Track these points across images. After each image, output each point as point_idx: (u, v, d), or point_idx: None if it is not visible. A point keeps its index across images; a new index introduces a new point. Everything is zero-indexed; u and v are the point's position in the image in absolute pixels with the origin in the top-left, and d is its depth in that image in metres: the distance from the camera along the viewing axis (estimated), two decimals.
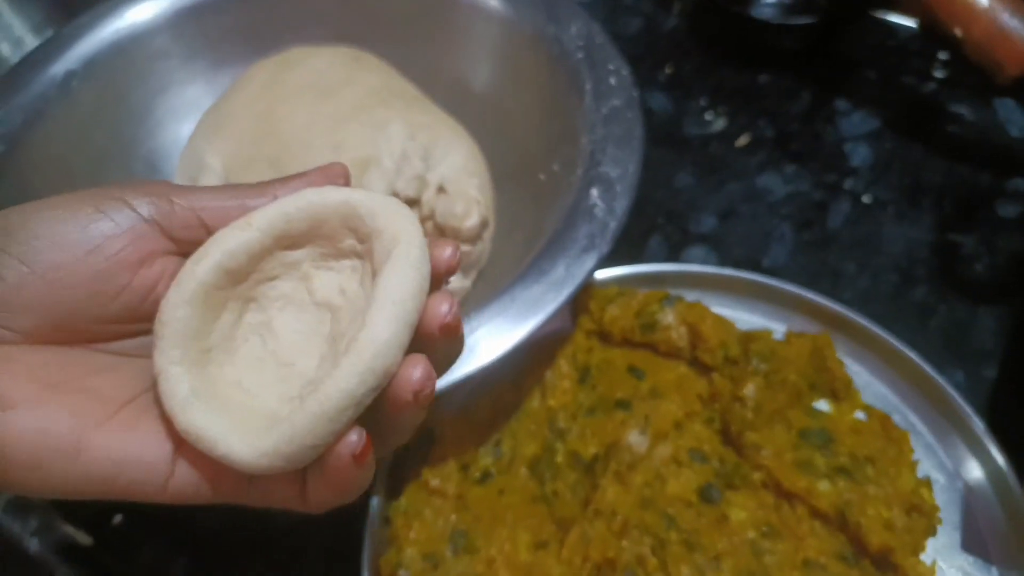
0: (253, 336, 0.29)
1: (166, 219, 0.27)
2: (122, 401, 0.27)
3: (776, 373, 0.53)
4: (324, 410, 0.24)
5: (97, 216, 0.26)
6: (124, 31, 0.63)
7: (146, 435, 0.26)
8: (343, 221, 0.28)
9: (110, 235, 0.26)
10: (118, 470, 0.25)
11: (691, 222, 0.68)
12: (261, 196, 0.29)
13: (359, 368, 0.24)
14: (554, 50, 0.60)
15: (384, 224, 0.27)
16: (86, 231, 0.26)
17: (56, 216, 0.26)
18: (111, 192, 0.27)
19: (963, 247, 0.64)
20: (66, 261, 0.26)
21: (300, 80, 0.60)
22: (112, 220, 0.26)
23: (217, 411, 0.26)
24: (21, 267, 0.25)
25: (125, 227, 0.27)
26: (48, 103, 0.59)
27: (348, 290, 0.29)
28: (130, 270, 0.27)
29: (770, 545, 0.46)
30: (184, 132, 0.64)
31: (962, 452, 0.51)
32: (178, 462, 0.26)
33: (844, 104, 0.76)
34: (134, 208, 0.27)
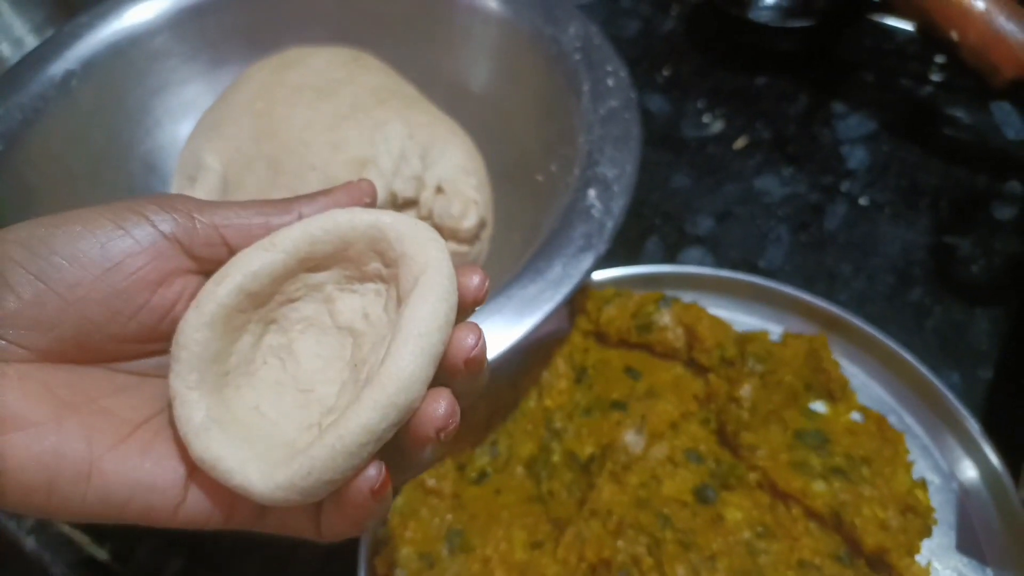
0: (272, 359, 0.29)
1: (187, 237, 0.27)
2: (137, 423, 0.26)
3: (772, 374, 0.53)
4: (344, 445, 0.23)
5: (117, 233, 0.26)
6: (123, 31, 0.64)
7: (159, 459, 0.26)
8: (370, 244, 0.27)
9: (130, 253, 0.26)
10: (130, 495, 0.25)
11: (688, 223, 0.68)
12: (286, 214, 0.28)
13: (381, 402, 0.24)
14: (552, 51, 0.60)
15: (412, 250, 0.26)
16: (105, 248, 0.25)
17: (75, 232, 0.25)
18: (132, 207, 0.26)
19: (959, 249, 0.64)
20: (84, 279, 0.25)
21: (299, 80, 0.60)
22: (132, 237, 0.26)
23: (234, 439, 0.25)
24: (38, 284, 0.25)
25: (145, 245, 0.26)
26: (47, 102, 0.59)
27: (371, 315, 0.28)
28: (149, 289, 0.26)
29: (765, 545, 0.47)
30: (183, 132, 0.64)
31: (957, 453, 0.52)
32: (191, 488, 0.26)
33: (841, 107, 0.76)
34: (155, 225, 0.26)
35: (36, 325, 0.25)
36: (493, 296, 0.46)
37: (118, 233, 0.26)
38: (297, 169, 0.55)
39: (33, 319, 0.25)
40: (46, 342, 0.25)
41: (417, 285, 0.25)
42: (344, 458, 0.24)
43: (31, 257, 0.25)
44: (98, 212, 0.26)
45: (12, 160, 0.56)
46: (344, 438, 0.23)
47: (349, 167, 0.55)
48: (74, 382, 0.26)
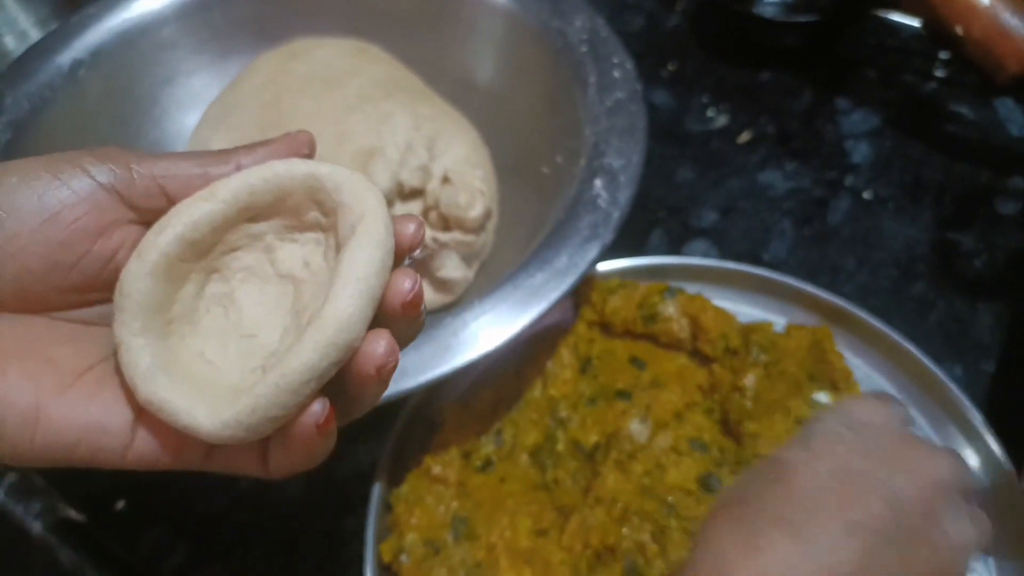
0: (215, 307, 0.29)
1: (126, 188, 0.27)
2: (82, 370, 0.27)
3: (776, 364, 0.53)
4: (288, 382, 0.24)
5: (54, 183, 0.26)
6: (131, 21, 0.64)
7: (106, 403, 0.26)
8: (308, 194, 0.28)
9: (68, 203, 0.26)
10: (78, 437, 0.25)
11: (692, 217, 0.69)
12: (224, 164, 0.28)
13: (322, 342, 0.24)
14: (558, 43, 0.60)
15: (349, 199, 0.27)
16: (43, 200, 0.25)
17: (11, 184, 0.25)
18: (69, 158, 0.26)
19: (962, 244, 0.65)
20: (22, 230, 0.25)
21: (306, 71, 0.60)
22: (69, 188, 0.26)
23: (179, 382, 0.26)
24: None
25: (83, 195, 0.26)
26: (55, 91, 0.59)
27: (312, 263, 0.29)
28: (89, 239, 0.27)
29: None
30: (190, 122, 0.65)
31: (960, 444, 0.52)
32: (138, 430, 0.26)
33: (845, 102, 0.76)
34: (92, 176, 0.26)
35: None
36: (499, 285, 0.47)
37: (55, 184, 0.26)
38: None
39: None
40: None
41: (355, 233, 0.26)
42: (288, 395, 0.24)
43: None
44: (35, 163, 0.26)
45: (20, 148, 0.56)
46: (287, 376, 0.24)
47: (356, 158, 0.56)
48: (17, 332, 0.26)
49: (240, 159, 0.28)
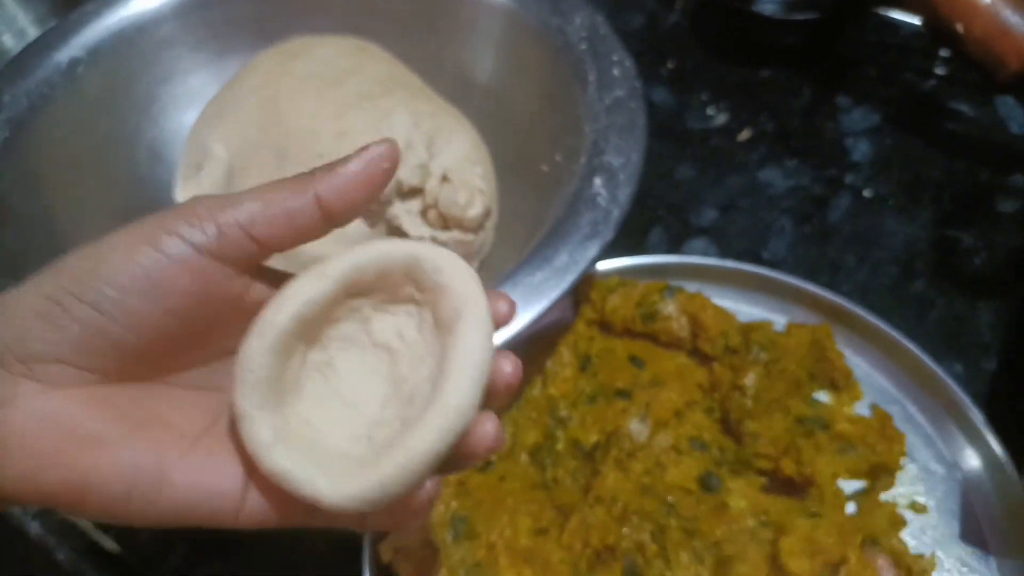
0: (316, 374, 0.31)
1: (220, 247, 0.28)
2: (198, 434, 0.29)
3: (776, 363, 0.53)
4: (412, 466, 0.27)
5: (156, 256, 0.27)
6: (129, 19, 0.64)
7: (221, 468, 0.28)
8: (407, 273, 0.30)
9: (172, 275, 0.27)
10: (197, 501, 0.27)
11: (692, 215, 0.69)
12: (302, 194, 0.29)
13: (445, 428, 0.27)
14: (558, 41, 0.60)
15: (449, 282, 0.29)
16: (150, 275, 0.27)
17: (119, 260, 0.27)
18: (163, 226, 0.27)
19: (962, 242, 0.65)
20: (136, 306, 0.27)
21: (305, 69, 0.60)
22: (170, 258, 0.27)
23: (297, 453, 0.28)
24: (96, 314, 0.26)
25: (185, 264, 0.27)
26: (53, 89, 0.59)
27: (406, 335, 0.31)
28: (197, 305, 0.28)
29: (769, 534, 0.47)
30: (188, 120, 0.64)
31: (960, 443, 0.52)
32: (249, 492, 0.28)
33: (845, 100, 0.76)
34: (188, 240, 0.27)
35: (99, 351, 0.27)
36: (499, 283, 0.46)
37: (156, 257, 0.27)
38: (303, 157, 0.55)
39: (95, 346, 0.27)
40: (112, 365, 0.27)
41: (461, 317, 0.28)
42: (410, 475, 0.27)
43: (84, 290, 0.26)
44: (134, 237, 0.27)
45: (18, 146, 0.56)
46: (413, 459, 0.27)
47: None
48: (139, 400, 0.28)
49: (316, 187, 0.29)
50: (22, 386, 0.26)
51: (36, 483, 0.26)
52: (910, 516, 0.49)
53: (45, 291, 0.26)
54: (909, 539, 0.48)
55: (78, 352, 0.26)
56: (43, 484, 0.26)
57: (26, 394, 0.26)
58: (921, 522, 0.50)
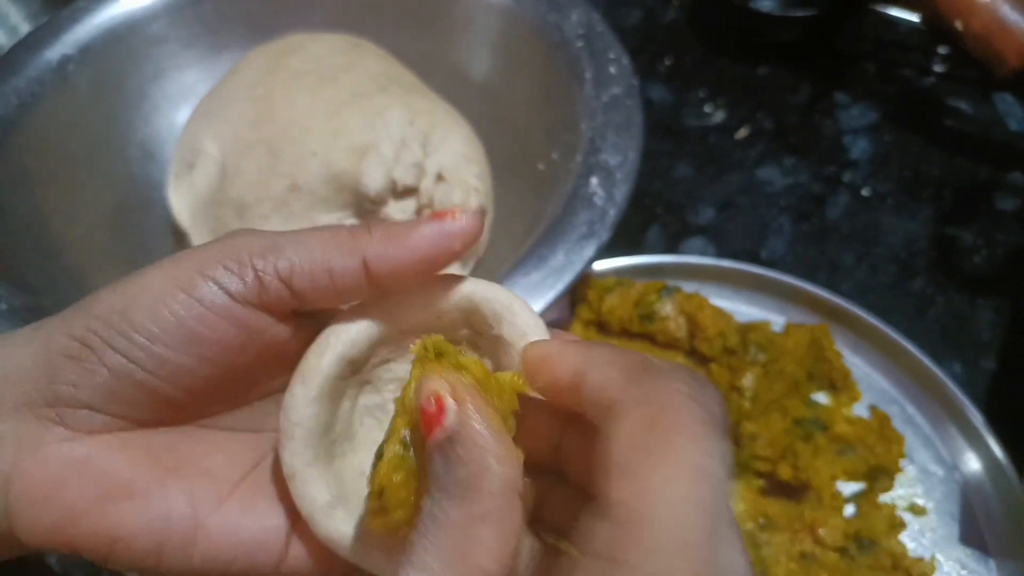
0: (368, 419, 0.29)
1: (257, 296, 0.26)
2: (235, 481, 0.27)
3: (774, 364, 0.52)
4: None
5: (190, 303, 0.25)
6: (121, 16, 0.63)
7: (261, 517, 0.26)
8: (463, 316, 0.27)
9: (207, 323, 0.25)
10: (235, 554, 0.26)
11: (690, 213, 0.68)
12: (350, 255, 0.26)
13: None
14: (554, 38, 0.59)
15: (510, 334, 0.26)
16: (183, 324, 0.25)
17: (150, 305, 0.25)
18: (199, 269, 0.25)
19: (961, 240, 0.64)
20: (168, 356, 0.25)
21: (299, 66, 0.59)
22: (205, 306, 0.25)
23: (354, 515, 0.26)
24: (126, 363, 0.25)
25: (220, 312, 0.25)
26: (44, 87, 0.58)
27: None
28: (233, 353, 0.26)
29: (768, 537, 0.46)
30: (181, 118, 0.64)
31: (960, 444, 0.51)
32: (291, 546, 0.26)
33: (843, 97, 0.75)
34: (223, 287, 0.25)
35: (130, 398, 0.25)
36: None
37: (191, 304, 0.25)
38: (297, 155, 0.55)
39: (127, 393, 0.25)
40: (144, 412, 0.26)
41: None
42: None
43: (113, 335, 0.25)
44: (168, 279, 0.25)
45: (9, 145, 0.55)
46: None
47: (350, 154, 0.55)
48: (173, 445, 0.26)
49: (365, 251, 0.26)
50: (50, 432, 0.25)
51: (62, 535, 0.24)
52: (909, 518, 0.49)
53: (74, 332, 0.25)
54: (908, 541, 0.48)
55: (108, 399, 0.25)
56: (70, 537, 0.24)
57: (54, 440, 0.25)
58: (920, 524, 0.49)
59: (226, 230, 0.57)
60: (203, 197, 0.58)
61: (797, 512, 0.48)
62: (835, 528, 0.47)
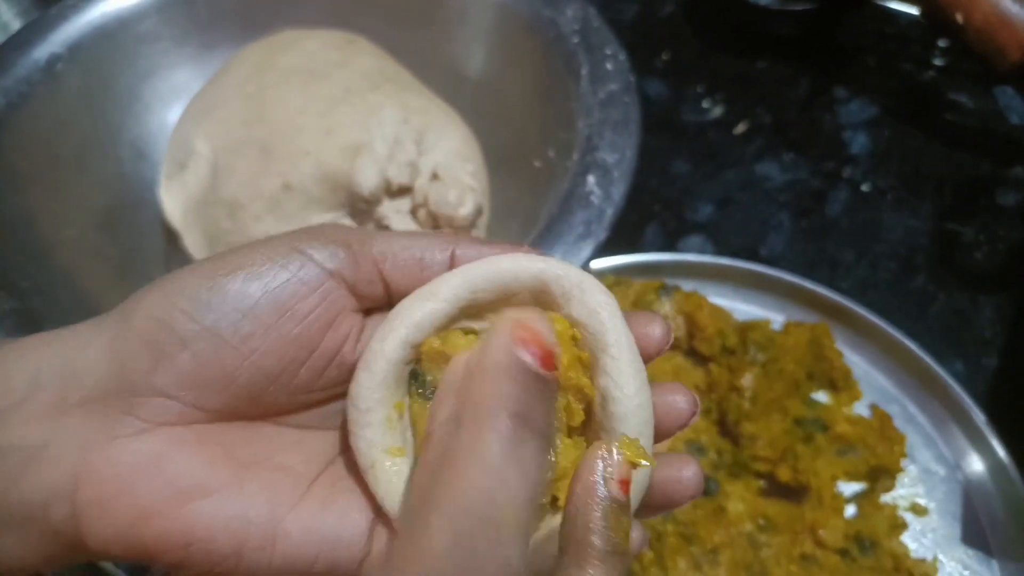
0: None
1: (352, 273, 0.25)
2: (312, 476, 0.26)
3: (774, 363, 0.52)
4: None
5: (283, 275, 0.24)
6: (110, 14, 0.62)
7: (342, 514, 0.25)
8: (533, 296, 0.26)
9: (300, 296, 0.24)
10: (317, 553, 0.24)
11: (688, 210, 0.67)
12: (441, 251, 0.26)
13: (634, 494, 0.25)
14: (550, 34, 0.59)
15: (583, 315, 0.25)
16: (274, 294, 0.24)
17: (240, 279, 0.24)
18: (292, 244, 0.25)
19: (963, 236, 0.64)
20: (258, 329, 0.24)
21: (292, 63, 0.58)
22: (299, 279, 0.24)
23: None
24: (214, 338, 0.23)
25: (314, 286, 0.25)
26: (32, 86, 0.57)
27: None
28: (320, 332, 0.25)
29: (767, 538, 0.46)
30: (172, 117, 0.63)
31: (962, 444, 0.51)
32: (375, 540, 0.25)
33: (843, 91, 0.75)
34: (318, 262, 0.25)
35: (212, 383, 0.24)
36: None
37: (284, 275, 0.24)
38: (290, 154, 0.54)
39: (209, 377, 0.24)
40: (221, 401, 0.24)
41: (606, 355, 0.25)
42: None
43: (201, 309, 0.23)
44: (259, 253, 0.25)
45: None
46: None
47: (343, 153, 0.54)
48: (250, 440, 0.25)
49: (456, 247, 0.26)
50: (121, 425, 0.23)
51: (135, 538, 0.23)
52: (910, 518, 0.49)
53: (154, 312, 0.24)
54: (910, 542, 0.48)
55: (186, 384, 0.24)
56: (143, 539, 0.23)
57: (125, 434, 0.23)
58: (922, 524, 0.49)
59: (219, 230, 0.57)
60: (195, 197, 0.57)
61: (797, 513, 0.47)
62: (836, 529, 0.47)
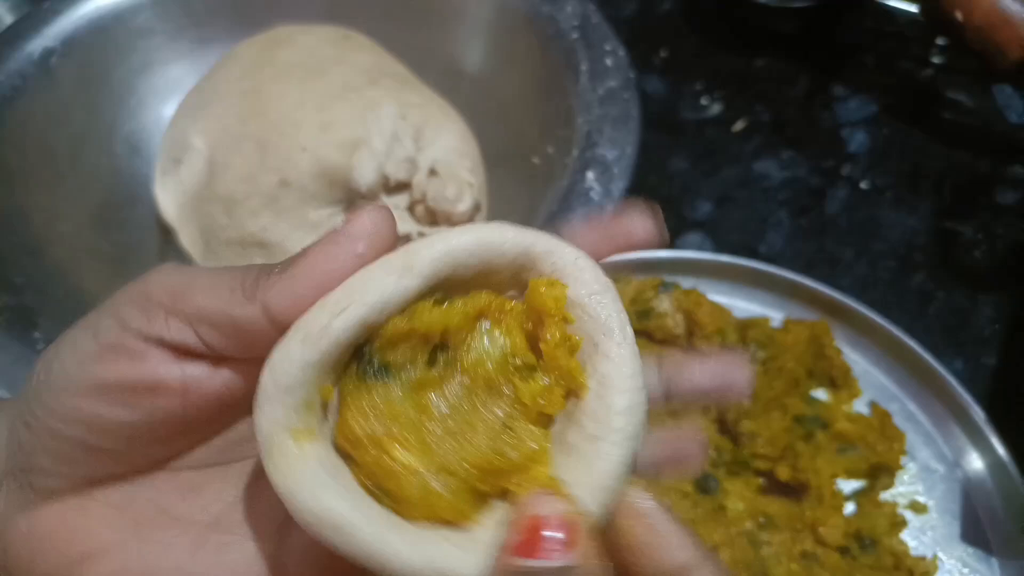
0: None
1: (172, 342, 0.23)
2: (208, 522, 0.25)
3: (774, 360, 0.52)
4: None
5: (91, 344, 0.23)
6: (105, 8, 0.62)
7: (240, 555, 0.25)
8: (514, 274, 0.23)
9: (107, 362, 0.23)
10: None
11: (687, 207, 0.67)
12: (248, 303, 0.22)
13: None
14: (549, 30, 0.58)
15: (586, 299, 0.23)
16: (85, 366, 0.23)
17: (66, 357, 0.23)
18: (110, 308, 0.24)
19: (962, 234, 0.63)
20: (83, 405, 0.23)
21: (288, 58, 0.58)
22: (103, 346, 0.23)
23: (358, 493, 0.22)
24: (54, 421, 0.23)
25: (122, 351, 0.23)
26: (26, 80, 0.57)
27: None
28: (164, 398, 0.23)
29: (767, 536, 0.46)
30: (167, 112, 0.63)
31: (961, 441, 0.51)
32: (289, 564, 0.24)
33: (841, 89, 0.74)
34: (125, 324, 0.23)
35: (72, 455, 0.24)
36: None
37: (92, 344, 0.23)
38: (287, 150, 0.54)
39: (68, 451, 0.24)
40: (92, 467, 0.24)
41: (597, 352, 0.22)
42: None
43: (39, 397, 0.23)
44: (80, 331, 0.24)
45: None
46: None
47: (340, 148, 0.54)
48: (140, 495, 0.25)
49: (265, 296, 0.22)
50: (27, 497, 0.24)
51: None
52: (910, 516, 0.48)
53: (23, 405, 0.24)
54: (909, 540, 0.47)
55: (57, 460, 0.24)
56: None
57: (28, 507, 0.24)
58: (921, 522, 0.49)
59: (215, 226, 0.56)
60: (190, 193, 0.56)
61: (797, 511, 0.47)
62: (836, 527, 0.46)
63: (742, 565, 0.44)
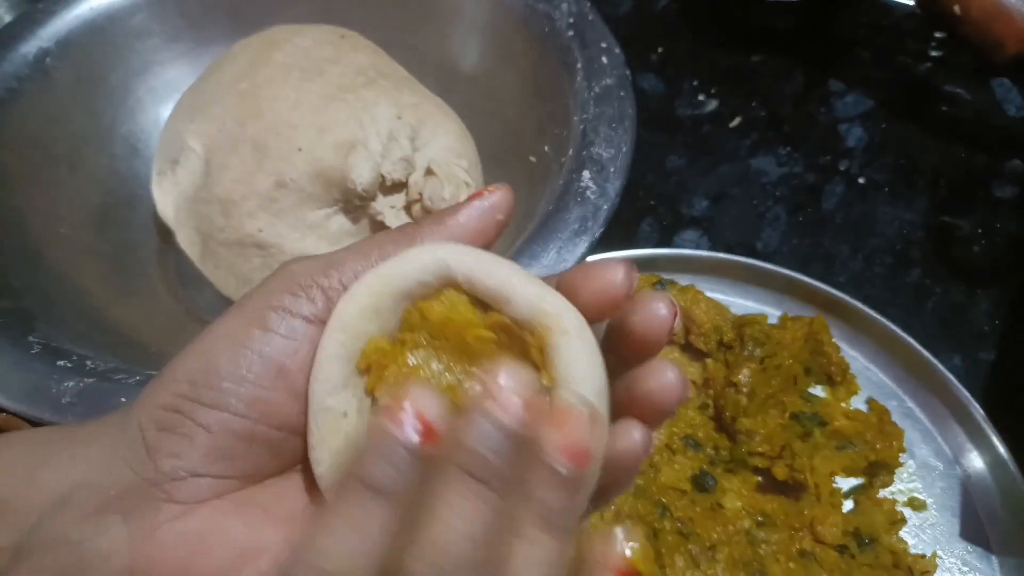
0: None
1: (328, 311, 0.26)
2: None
3: (771, 358, 0.52)
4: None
5: (268, 337, 0.25)
6: (101, 9, 0.62)
7: None
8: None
9: (290, 352, 0.25)
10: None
11: (683, 205, 0.67)
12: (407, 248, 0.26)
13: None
14: (544, 28, 0.58)
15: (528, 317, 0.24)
16: (265, 357, 0.25)
17: (230, 351, 0.25)
18: (267, 303, 0.25)
19: (959, 229, 0.63)
20: (259, 394, 0.25)
21: (285, 59, 0.58)
22: (283, 336, 0.25)
23: None
24: (221, 415, 0.24)
25: (299, 337, 0.25)
26: (22, 82, 0.57)
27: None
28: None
29: (765, 535, 0.46)
30: (165, 113, 0.62)
31: (960, 438, 0.51)
32: None
33: (838, 84, 0.74)
34: (296, 314, 0.25)
35: (232, 452, 0.25)
36: None
37: (268, 337, 0.25)
38: (284, 151, 0.54)
39: (227, 447, 0.25)
40: (245, 465, 0.25)
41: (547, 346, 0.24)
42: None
43: (202, 391, 0.24)
44: (239, 321, 0.25)
45: None
46: None
47: (337, 149, 0.54)
48: (283, 496, 0.26)
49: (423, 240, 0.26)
50: (161, 511, 0.24)
51: None
52: (909, 514, 0.48)
53: (160, 402, 0.24)
54: (908, 537, 0.48)
55: (211, 459, 0.24)
56: None
57: (167, 520, 0.24)
58: (920, 520, 0.49)
59: (212, 227, 0.56)
60: (188, 194, 0.56)
61: (795, 509, 0.47)
62: (834, 525, 0.46)
63: (740, 563, 0.44)
